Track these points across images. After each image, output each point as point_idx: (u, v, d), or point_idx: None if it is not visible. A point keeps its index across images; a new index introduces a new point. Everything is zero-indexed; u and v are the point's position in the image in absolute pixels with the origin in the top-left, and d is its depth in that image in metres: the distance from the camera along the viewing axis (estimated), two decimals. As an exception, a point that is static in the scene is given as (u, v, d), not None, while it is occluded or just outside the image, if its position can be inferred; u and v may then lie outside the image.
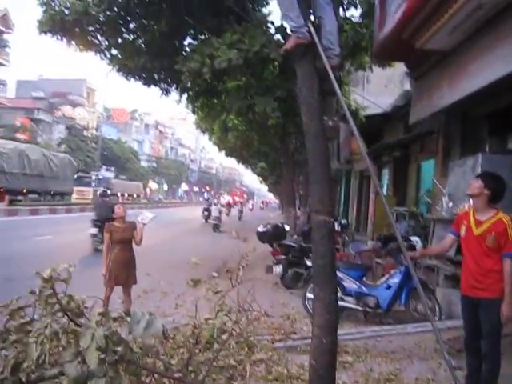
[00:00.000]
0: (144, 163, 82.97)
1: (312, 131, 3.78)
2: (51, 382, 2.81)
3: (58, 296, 2.83)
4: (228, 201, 46.31)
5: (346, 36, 10.52)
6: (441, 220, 8.67)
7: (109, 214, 11.14)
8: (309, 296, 7.76)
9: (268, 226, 12.28)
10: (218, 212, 28.16)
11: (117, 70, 11.92)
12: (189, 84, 10.01)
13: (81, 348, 2.54)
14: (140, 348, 3.29)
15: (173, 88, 12.68)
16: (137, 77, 12.09)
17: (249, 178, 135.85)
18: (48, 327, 2.66)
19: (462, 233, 4.65)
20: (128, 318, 2.86)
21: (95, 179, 49.81)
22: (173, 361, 4.11)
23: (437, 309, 7.46)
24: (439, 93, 7.94)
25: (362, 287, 8.08)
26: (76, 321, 2.84)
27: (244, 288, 4.96)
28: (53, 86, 64.15)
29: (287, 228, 13.26)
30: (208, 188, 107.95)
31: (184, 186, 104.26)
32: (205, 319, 4.06)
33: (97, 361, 2.50)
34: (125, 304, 7.18)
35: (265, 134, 17.48)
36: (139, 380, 3.18)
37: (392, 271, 8.21)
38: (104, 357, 2.60)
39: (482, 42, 6.37)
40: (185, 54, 10.38)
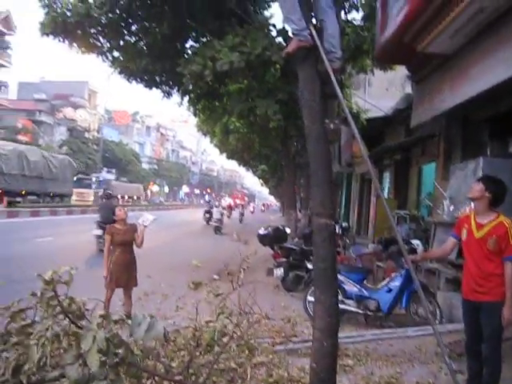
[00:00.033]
0: (145, 165, 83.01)
1: (314, 134, 3.79)
2: (52, 385, 2.81)
3: (60, 298, 2.83)
4: (229, 203, 46.45)
5: (348, 39, 10.53)
6: (442, 223, 8.67)
7: (113, 216, 11.21)
8: (309, 299, 7.76)
9: (269, 229, 12.28)
10: (220, 214, 28.25)
11: (118, 72, 11.95)
12: (190, 86, 10.03)
13: (82, 350, 2.55)
14: (141, 350, 3.29)
15: (174, 90, 12.68)
16: (138, 79, 12.12)
17: (250, 181, 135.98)
18: (49, 329, 2.66)
19: (463, 236, 4.65)
20: (129, 321, 2.86)
21: (95, 181, 49.72)
22: (173, 363, 4.11)
23: (438, 312, 7.44)
24: (440, 96, 7.94)
25: (363, 290, 8.07)
26: (77, 323, 2.84)
27: (245, 291, 4.95)
28: (54, 88, 64.26)
29: (288, 231, 13.24)
30: (209, 190, 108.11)
31: (185, 189, 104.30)
32: (206, 322, 4.05)
33: (98, 363, 2.50)
34: (125, 306, 7.18)
35: (266, 137, 17.50)
36: (140, 382, 3.18)
37: (393, 274, 8.20)
38: (105, 359, 2.60)
39: (484, 46, 6.37)
40: (186, 57, 10.39)
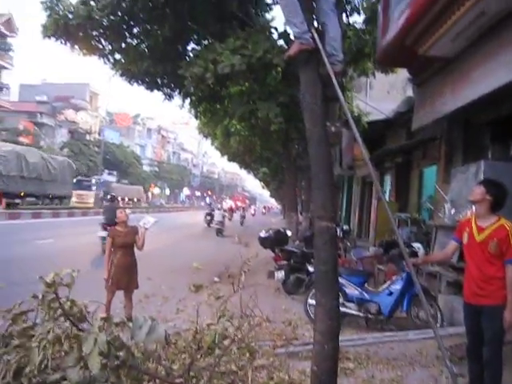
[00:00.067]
0: (146, 167, 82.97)
1: (315, 137, 3.79)
2: (53, 387, 2.81)
3: (61, 300, 2.83)
4: (230, 206, 46.37)
5: (350, 42, 10.55)
6: (443, 226, 8.66)
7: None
8: (310, 302, 7.75)
9: (270, 232, 12.26)
10: (222, 217, 28.33)
11: (120, 75, 11.96)
12: (192, 89, 10.02)
13: (83, 353, 2.55)
14: (142, 353, 3.29)
15: (176, 93, 12.70)
16: (140, 81, 12.13)
17: (251, 183, 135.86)
18: (50, 332, 2.66)
19: (465, 240, 4.65)
20: (130, 324, 2.86)
21: (95, 183, 49.44)
22: (174, 366, 4.10)
23: (439, 315, 7.43)
24: (442, 99, 7.95)
25: (364, 293, 8.06)
26: (78, 326, 2.84)
27: (246, 293, 4.95)
28: (56, 90, 64.29)
29: (289, 233, 13.23)
30: (210, 193, 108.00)
31: (186, 191, 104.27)
32: (207, 325, 4.05)
33: (99, 366, 2.50)
34: (126, 308, 7.18)
35: (267, 140, 17.50)
36: (140, 385, 3.17)
37: (394, 277, 8.19)
38: (106, 362, 2.60)
39: (485, 49, 6.37)
40: (188, 59, 10.41)
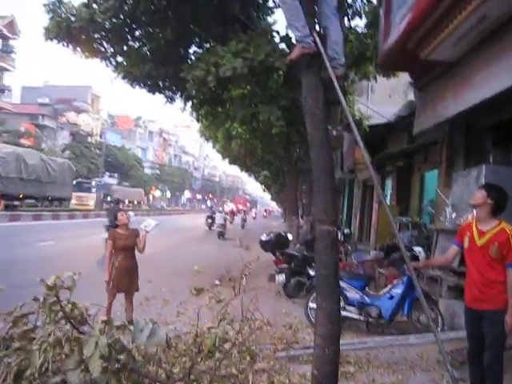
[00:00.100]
0: (147, 170, 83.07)
1: (316, 141, 3.79)
2: (54, 390, 2.80)
3: (62, 303, 2.82)
4: (232, 209, 46.43)
5: (351, 46, 10.55)
6: (444, 230, 8.66)
7: None
8: (311, 305, 7.74)
9: (271, 235, 12.26)
10: (224, 220, 28.43)
11: (122, 77, 11.96)
12: (193, 92, 10.03)
13: (84, 356, 2.54)
14: (142, 356, 3.28)
15: (177, 96, 12.70)
16: (142, 84, 12.13)
17: (252, 186, 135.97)
18: (51, 335, 2.66)
19: (466, 244, 4.65)
20: (131, 327, 2.85)
21: (95, 185, 48.88)
22: (175, 369, 4.09)
23: (439, 320, 7.43)
24: (443, 103, 7.94)
25: (365, 297, 8.06)
26: (79, 328, 2.84)
27: (246, 297, 4.95)
28: (58, 93, 64.39)
29: (290, 237, 13.23)
30: (211, 196, 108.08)
31: (187, 194, 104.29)
32: (207, 328, 4.05)
33: (100, 369, 2.50)
34: (127, 311, 7.17)
35: (268, 143, 17.50)
36: (141, 388, 3.17)
37: (395, 281, 8.18)
38: (107, 365, 2.60)
39: (487, 53, 6.37)
40: (190, 62, 10.40)
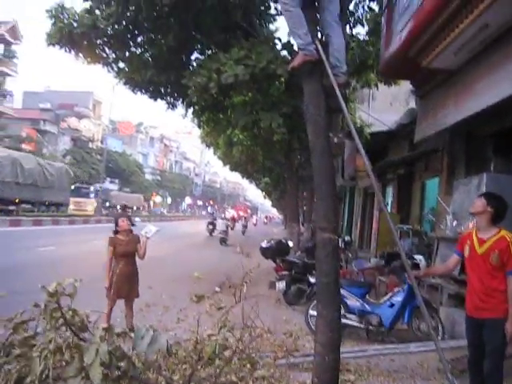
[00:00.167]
0: (148, 176, 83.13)
1: (318, 149, 3.80)
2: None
3: (63, 310, 2.82)
4: (233, 215, 46.43)
5: (353, 53, 10.58)
6: (445, 238, 8.65)
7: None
8: (311, 313, 7.72)
9: (271, 242, 12.25)
10: (226, 226, 28.56)
11: (123, 83, 11.98)
12: (195, 98, 10.02)
13: (85, 363, 2.53)
14: (142, 363, 3.27)
15: (179, 102, 12.71)
16: (143, 90, 12.15)
17: (252, 193, 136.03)
18: (52, 342, 2.65)
19: (466, 253, 4.65)
20: (132, 334, 2.84)
21: (93, 190, 48.45)
22: (175, 376, 4.08)
23: (440, 328, 7.41)
24: (444, 111, 7.96)
25: (365, 305, 8.04)
26: (79, 335, 2.83)
27: (247, 304, 4.93)
28: (59, 98, 64.57)
29: (291, 244, 13.22)
30: (212, 202, 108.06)
31: (188, 200, 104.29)
32: (207, 335, 4.03)
33: (100, 376, 2.49)
34: (127, 317, 7.15)
35: (270, 150, 17.51)
36: (141, 395, 3.16)
37: (395, 289, 8.16)
38: (107, 372, 2.59)
39: (489, 61, 6.39)
40: (192, 69, 10.42)
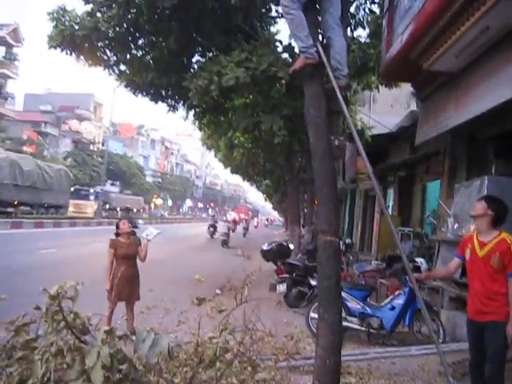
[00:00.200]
0: (149, 178, 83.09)
1: (319, 151, 3.79)
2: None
3: (64, 313, 2.81)
4: (234, 218, 46.41)
5: (354, 56, 10.60)
6: (446, 241, 8.64)
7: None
8: (312, 316, 7.71)
9: (272, 245, 12.25)
10: (227, 228, 28.62)
11: (125, 86, 12.02)
12: (196, 101, 10.03)
13: (86, 366, 2.53)
14: (143, 366, 3.27)
15: (180, 104, 12.74)
16: (144, 92, 12.18)
17: (253, 195, 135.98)
18: (53, 344, 2.64)
19: (467, 256, 4.64)
20: (133, 337, 2.84)
21: (93, 192, 47.80)
22: (176, 379, 4.06)
23: (441, 331, 7.40)
24: (446, 114, 7.96)
25: (366, 308, 8.03)
26: (81, 338, 2.83)
27: (248, 307, 4.92)
28: (60, 100, 64.65)
29: (292, 247, 13.23)
30: (213, 204, 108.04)
31: (189, 202, 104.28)
32: (208, 338, 4.02)
33: (102, 379, 2.48)
34: (128, 320, 7.14)
35: (270, 152, 17.51)
36: (142, 398, 3.15)
37: (396, 292, 8.15)
38: (109, 375, 2.58)
39: (490, 64, 6.39)
40: (193, 71, 10.44)
